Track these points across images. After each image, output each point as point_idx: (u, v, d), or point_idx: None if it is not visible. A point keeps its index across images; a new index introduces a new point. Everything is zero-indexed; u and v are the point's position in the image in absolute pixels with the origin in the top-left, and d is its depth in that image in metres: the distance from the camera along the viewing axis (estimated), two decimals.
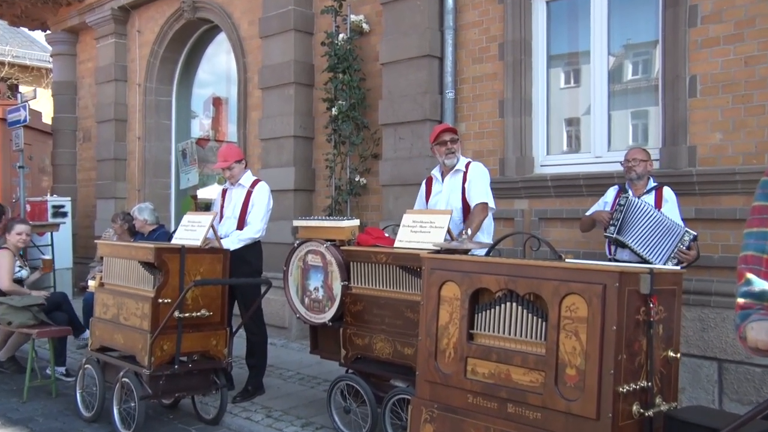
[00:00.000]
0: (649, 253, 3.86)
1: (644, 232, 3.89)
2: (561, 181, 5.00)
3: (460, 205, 4.12)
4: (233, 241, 4.56)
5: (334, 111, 6.27)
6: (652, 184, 4.13)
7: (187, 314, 4.04)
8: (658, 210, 3.94)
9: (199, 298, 4.13)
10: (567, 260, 2.71)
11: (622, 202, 4.00)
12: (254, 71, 7.37)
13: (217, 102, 8.76)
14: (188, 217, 4.52)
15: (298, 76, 6.74)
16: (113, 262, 4.35)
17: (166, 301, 3.96)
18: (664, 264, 3.81)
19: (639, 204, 3.94)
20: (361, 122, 6.25)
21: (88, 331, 5.54)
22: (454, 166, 4.18)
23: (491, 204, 4.09)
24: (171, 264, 3.99)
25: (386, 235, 4.03)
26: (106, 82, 9.12)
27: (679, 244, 3.84)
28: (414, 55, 5.72)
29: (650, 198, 4.05)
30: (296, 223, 4.25)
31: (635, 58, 4.98)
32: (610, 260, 4.10)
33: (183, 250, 4.07)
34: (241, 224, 4.71)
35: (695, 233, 3.88)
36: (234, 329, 4.43)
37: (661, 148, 4.55)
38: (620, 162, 4.18)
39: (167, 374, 3.98)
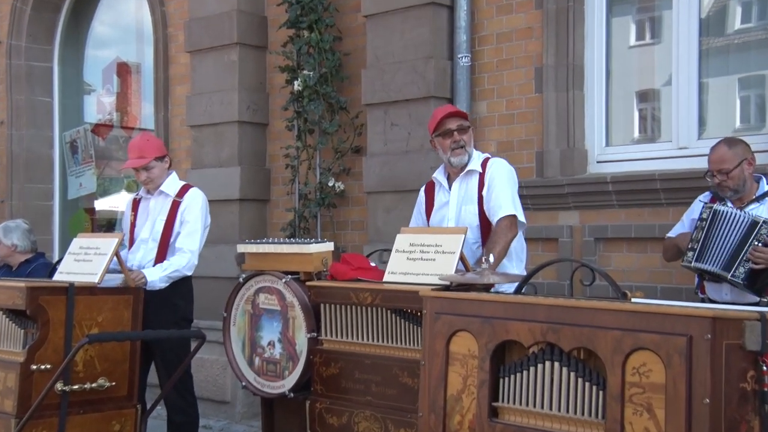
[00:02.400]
0: (724, 268, 3.87)
1: (727, 248, 3.87)
2: (628, 183, 5.05)
3: (476, 221, 4.13)
4: (155, 276, 4.57)
5: (296, 85, 6.31)
6: (766, 186, 4.10)
7: (76, 386, 4.02)
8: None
9: (96, 362, 4.11)
10: (634, 300, 2.72)
11: (704, 215, 4.00)
12: (178, 26, 7.42)
13: (123, 70, 8.76)
14: (81, 241, 4.52)
15: (244, 33, 6.79)
16: None
17: (43, 367, 3.94)
18: (740, 274, 3.81)
19: (730, 216, 3.93)
20: (336, 101, 6.28)
21: None
22: (465, 165, 4.21)
23: (521, 217, 4.12)
24: (52, 311, 3.97)
25: (372, 264, 4.04)
26: None
27: (753, 240, 3.82)
28: (412, 3, 5.78)
29: (764, 208, 4.01)
30: (242, 248, 4.26)
31: None
32: (700, 300, 4.13)
33: (71, 290, 4.05)
34: (163, 251, 4.73)
35: None
36: (149, 407, 4.42)
37: None
38: (706, 173, 4.16)
39: None
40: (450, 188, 4.25)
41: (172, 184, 4.86)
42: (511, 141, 5.53)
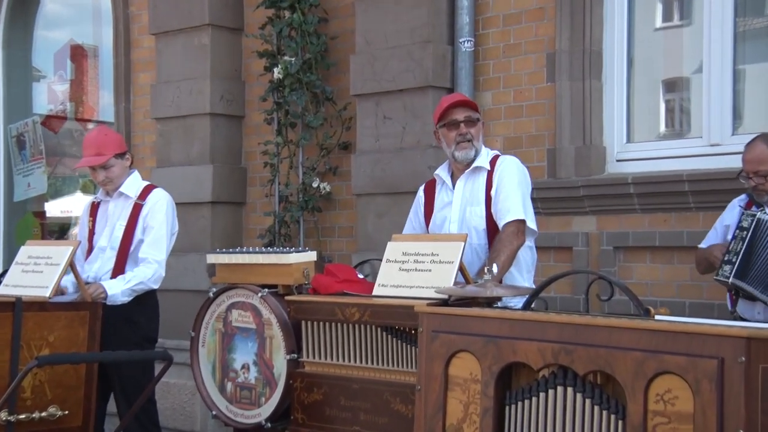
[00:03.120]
0: None
1: None
2: (652, 185, 5.07)
3: (483, 224, 4.16)
4: (117, 289, 4.56)
5: (276, 73, 6.32)
6: None
7: (23, 416, 4.01)
8: None
9: (47, 388, 4.10)
10: (658, 317, 2.72)
11: (745, 224, 3.98)
12: (142, 4, 7.42)
13: (78, 55, 8.74)
14: (30, 250, 4.51)
15: (217, 13, 6.80)
16: None
17: None
18: None
19: None
20: (321, 91, 6.29)
21: None
22: (472, 161, 4.23)
23: (532, 224, 4.13)
24: None
25: (361, 276, 4.06)
26: None
27: None
28: None
29: None
30: (213, 258, 4.27)
31: None
32: (733, 318, 4.13)
33: (18, 306, 4.04)
34: (122, 261, 4.72)
35: None
36: None
37: None
38: (739, 174, 4.17)
39: None
40: (454, 188, 4.27)
41: (133, 184, 4.85)
42: (519, 137, 5.54)
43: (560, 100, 5.37)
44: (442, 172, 4.34)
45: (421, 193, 4.45)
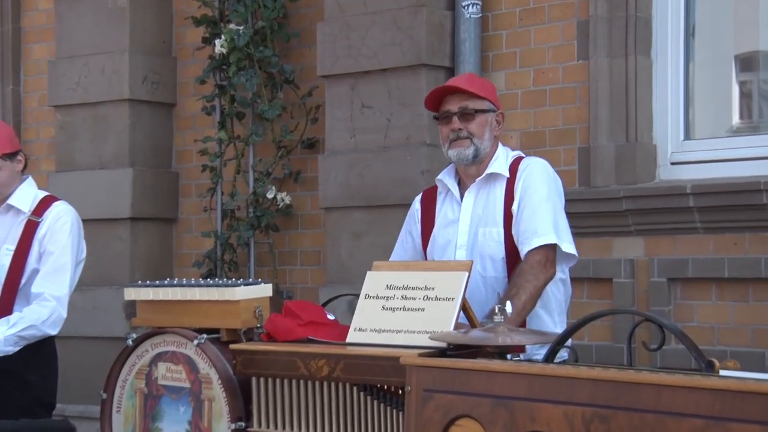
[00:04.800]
0: None
1: None
2: (719, 196, 5.08)
3: (500, 251, 4.15)
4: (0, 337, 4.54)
5: (219, 46, 6.33)
6: None
7: None
8: None
9: None
10: (723, 372, 2.74)
11: None
12: None
13: None
14: None
15: None
16: None
17: None
18: None
19: None
20: (279, 71, 6.31)
21: None
22: (483, 165, 4.22)
23: (569, 248, 4.12)
24: None
25: (330, 317, 4.05)
26: None
27: None
28: None
29: None
30: (132, 294, 4.26)
31: None
32: None
33: None
34: (9, 297, 4.71)
35: None
36: None
37: None
38: None
39: None
40: (462, 200, 4.27)
41: (26, 195, 4.84)
42: (541, 132, 5.57)
43: (596, 84, 5.39)
44: (446, 178, 4.33)
45: (417, 205, 4.45)
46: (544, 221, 4.05)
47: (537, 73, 5.61)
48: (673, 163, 5.37)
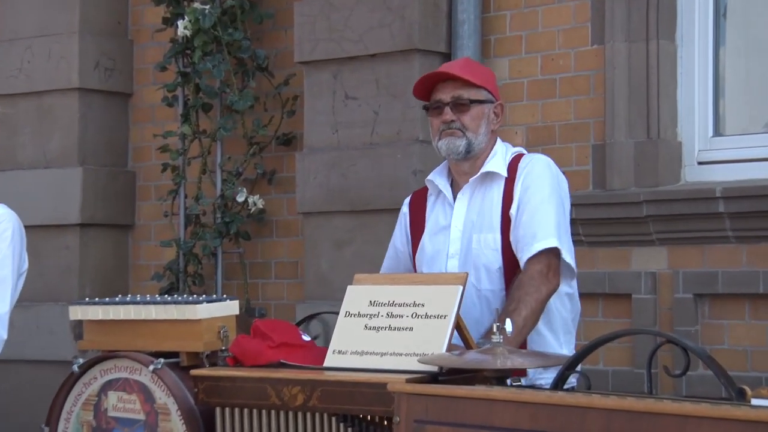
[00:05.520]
0: None
1: None
2: (753, 200, 5.08)
3: (497, 261, 4.16)
4: None
5: (182, 28, 6.32)
6: None
7: None
8: None
9: None
10: (756, 401, 2.72)
11: None
12: None
13: None
14: None
15: None
16: None
17: None
18: None
19: None
20: (251, 57, 6.33)
21: None
22: (478, 162, 4.22)
23: (570, 260, 4.13)
24: None
25: (306, 338, 4.04)
26: None
27: None
28: None
29: None
30: (79, 312, 4.26)
31: None
32: None
33: None
34: None
35: None
36: None
37: None
38: None
39: None
40: (454, 202, 4.27)
41: None
42: (549, 127, 5.57)
43: (613, 72, 5.39)
44: (437, 178, 4.33)
45: (405, 208, 4.45)
46: (545, 224, 4.05)
47: (545, 59, 5.61)
48: (700, 163, 5.38)
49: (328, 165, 5.95)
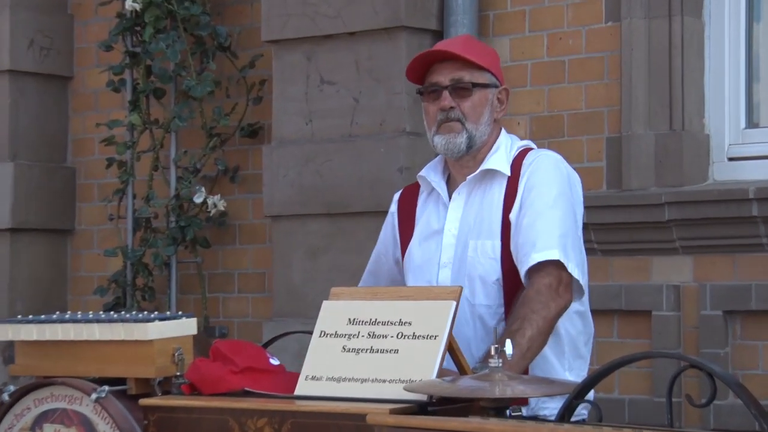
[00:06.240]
0: None
1: None
2: None
3: (497, 271, 4.17)
4: None
5: (130, 1, 6.33)
6: None
7: None
8: None
9: None
10: None
11: None
12: None
13: None
14: None
15: None
16: None
17: None
18: None
19: None
20: (210, 34, 6.36)
21: None
22: (479, 156, 4.23)
23: (579, 274, 4.12)
24: None
25: (275, 361, 4.04)
26: None
27: None
28: None
29: None
30: (9, 332, 4.26)
31: None
32: None
33: None
34: None
35: None
36: None
37: None
38: None
39: None
40: (449, 202, 4.28)
41: None
42: (557, 117, 5.61)
43: (630, 53, 5.41)
44: (430, 175, 4.34)
45: (394, 207, 4.47)
46: (548, 232, 4.06)
47: (552, 38, 5.65)
48: (731, 159, 5.41)
49: (300, 161, 5.98)
